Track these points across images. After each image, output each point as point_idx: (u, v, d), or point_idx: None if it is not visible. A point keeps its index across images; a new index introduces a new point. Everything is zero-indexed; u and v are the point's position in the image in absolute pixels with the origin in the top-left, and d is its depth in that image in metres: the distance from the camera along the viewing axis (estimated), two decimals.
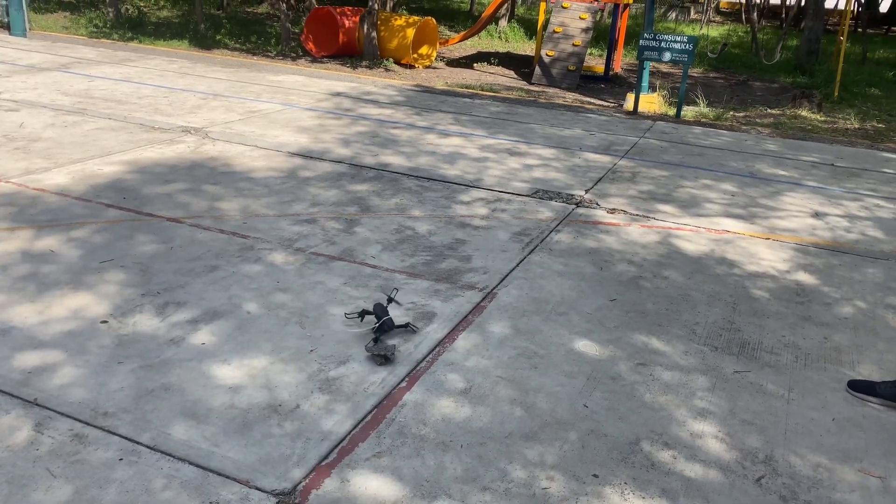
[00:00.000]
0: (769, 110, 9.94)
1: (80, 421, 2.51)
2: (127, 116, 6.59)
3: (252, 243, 4.06)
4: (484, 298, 3.59)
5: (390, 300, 3.25)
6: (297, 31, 13.39)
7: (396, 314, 3.32)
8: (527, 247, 4.25)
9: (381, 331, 3.12)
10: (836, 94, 10.98)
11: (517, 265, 3.99)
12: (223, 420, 2.56)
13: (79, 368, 2.81)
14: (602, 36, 15.18)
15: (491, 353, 3.11)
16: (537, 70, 11.12)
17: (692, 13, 22.94)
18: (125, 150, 5.60)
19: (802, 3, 17.53)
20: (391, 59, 11.88)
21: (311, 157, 5.77)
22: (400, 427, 2.59)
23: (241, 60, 10.90)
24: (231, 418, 2.58)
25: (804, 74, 12.95)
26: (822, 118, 9.52)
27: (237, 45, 12.54)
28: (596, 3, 11.44)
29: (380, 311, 3.16)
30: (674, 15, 22.48)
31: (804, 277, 4.07)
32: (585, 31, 11.12)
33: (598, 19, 15.01)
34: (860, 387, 2.97)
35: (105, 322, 3.16)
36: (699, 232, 4.68)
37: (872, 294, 3.90)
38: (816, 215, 5.13)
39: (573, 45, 11.07)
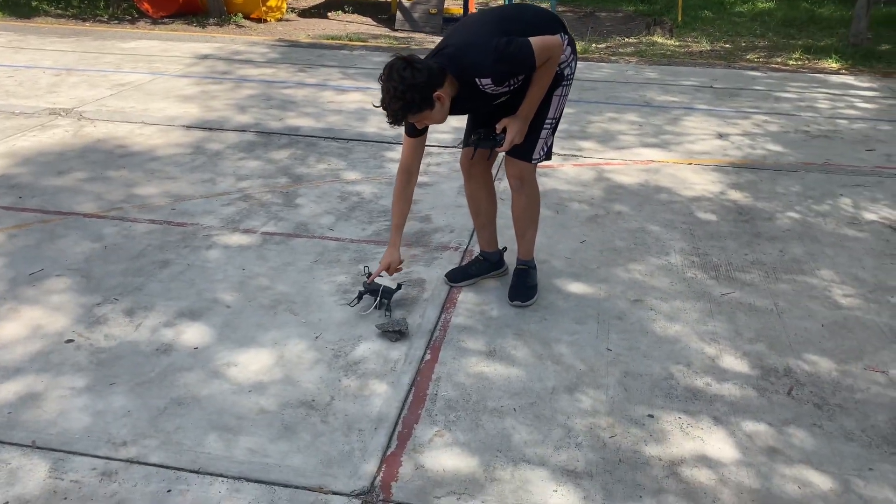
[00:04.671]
0: (626, 39, 10.36)
1: (99, 457, 2.21)
2: None
3: (193, 230, 3.72)
4: (463, 258, 3.52)
5: (369, 275, 3.09)
6: None
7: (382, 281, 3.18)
8: None
9: (386, 299, 2.98)
10: (679, 19, 11.63)
11: None
12: (260, 427, 2.36)
13: (67, 397, 2.47)
14: None
15: (496, 311, 3.07)
16: (399, 16, 10.87)
17: None
18: None
19: None
20: (240, 14, 11.15)
21: (212, 129, 5.33)
22: (446, 401, 2.51)
23: (73, 28, 9.78)
24: (268, 423, 2.38)
25: (643, 2, 13.58)
26: (676, 43, 10.06)
27: (60, 11, 11.22)
28: None
29: (372, 285, 3.01)
30: None
31: (737, 196, 4.34)
32: None
33: None
34: None
35: (71, 340, 2.78)
36: (627, 164, 4.83)
37: (799, 204, 4.23)
38: (720, 136, 5.45)
39: None
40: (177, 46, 8.29)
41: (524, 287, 3.14)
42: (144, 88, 6.33)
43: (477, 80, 2.60)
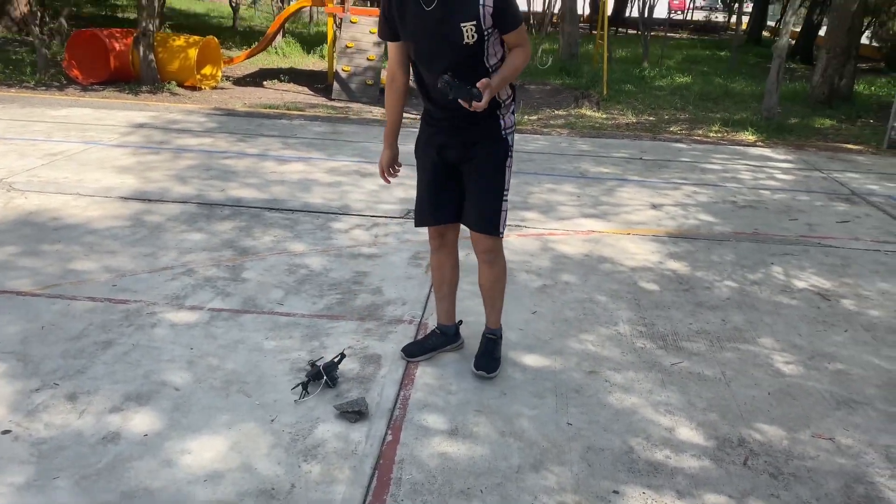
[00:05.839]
0: (556, 111, 10.76)
1: None
2: None
3: (137, 308, 3.59)
4: (418, 331, 3.51)
5: (312, 364, 3.04)
6: (55, 57, 11.97)
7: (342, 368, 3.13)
8: (428, 270, 4.22)
9: (331, 374, 2.94)
10: (605, 92, 12.19)
11: (430, 290, 3.95)
12: None
13: (6, 495, 2.30)
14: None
15: (455, 386, 3.06)
16: (336, 86, 11.02)
17: None
18: None
19: (555, 10, 19.16)
20: (174, 83, 11.08)
21: (151, 200, 5.21)
22: (412, 485, 2.46)
23: None
24: None
25: (569, 76, 14.19)
26: (603, 115, 10.52)
27: None
28: None
29: (312, 371, 2.96)
30: None
31: (676, 266, 4.50)
32: (377, 44, 11.21)
33: None
34: None
35: (8, 431, 2.61)
36: (570, 234, 4.96)
37: (735, 273, 4.41)
38: (654, 207, 5.68)
39: (367, 59, 11.11)
40: (110, 115, 8.15)
41: (491, 357, 3.16)
42: (78, 158, 6.16)
43: None
